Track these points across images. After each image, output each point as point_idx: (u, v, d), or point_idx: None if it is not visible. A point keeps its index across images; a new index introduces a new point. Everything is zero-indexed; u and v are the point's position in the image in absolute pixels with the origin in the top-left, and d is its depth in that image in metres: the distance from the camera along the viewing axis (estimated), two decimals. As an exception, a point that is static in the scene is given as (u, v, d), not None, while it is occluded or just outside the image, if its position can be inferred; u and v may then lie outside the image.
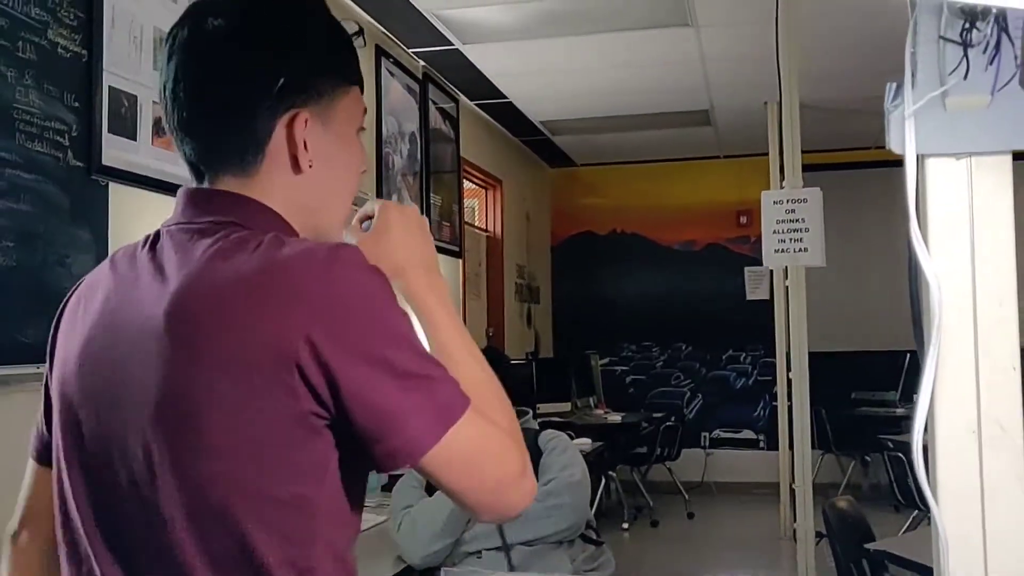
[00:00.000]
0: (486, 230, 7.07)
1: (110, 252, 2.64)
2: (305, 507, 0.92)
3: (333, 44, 1.08)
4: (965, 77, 0.68)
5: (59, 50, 2.46)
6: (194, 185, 1.05)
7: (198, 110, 1.01)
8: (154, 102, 2.82)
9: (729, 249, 8.22)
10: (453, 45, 5.09)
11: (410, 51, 5.16)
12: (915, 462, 0.71)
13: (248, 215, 1.00)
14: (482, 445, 0.94)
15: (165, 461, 0.92)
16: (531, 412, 2.82)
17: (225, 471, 0.90)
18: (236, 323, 0.89)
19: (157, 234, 1.02)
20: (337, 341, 0.88)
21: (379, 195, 4.66)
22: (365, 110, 1.12)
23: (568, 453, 2.60)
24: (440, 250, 5.57)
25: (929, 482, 0.74)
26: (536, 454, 2.61)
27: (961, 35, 0.67)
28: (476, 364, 1.03)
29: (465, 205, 6.44)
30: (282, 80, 1.00)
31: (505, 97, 6.23)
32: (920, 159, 0.73)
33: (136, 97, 2.75)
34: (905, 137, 0.71)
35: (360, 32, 1.13)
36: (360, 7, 4.43)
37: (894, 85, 0.72)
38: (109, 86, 2.64)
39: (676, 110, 6.61)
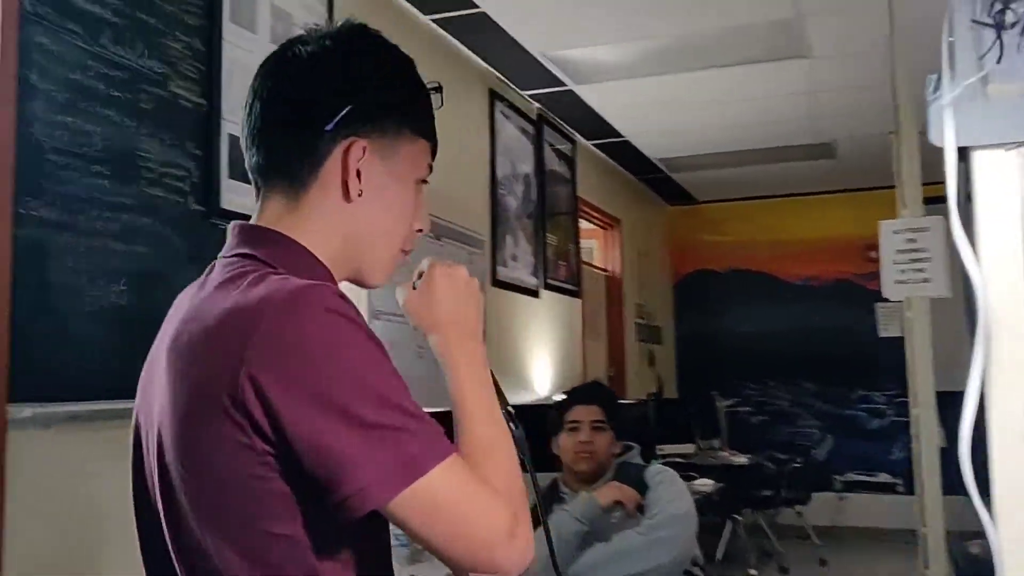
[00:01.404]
0: (605, 270, 7.05)
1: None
2: (290, 544, 0.93)
3: (407, 92, 1.11)
4: (999, 61, 0.65)
5: (180, 101, 2.60)
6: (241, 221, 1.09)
7: (266, 123, 1.07)
8: (270, 148, 2.96)
9: (857, 284, 7.94)
10: (566, 86, 5.14)
11: (524, 93, 5.24)
12: (963, 468, 0.67)
13: (275, 252, 1.03)
14: (459, 499, 0.92)
15: (163, 494, 0.98)
16: (637, 448, 2.79)
17: (206, 508, 0.94)
18: (202, 360, 0.93)
19: (213, 265, 1.07)
20: (284, 383, 0.88)
21: (494, 236, 4.73)
22: (430, 167, 1.14)
23: (674, 487, 2.56)
24: (557, 290, 5.61)
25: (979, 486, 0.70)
26: (643, 488, 2.57)
27: (993, 16, 0.64)
28: (488, 424, 1.03)
29: (584, 245, 6.45)
30: (348, 107, 1.04)
31: (622, 136, 6.24)
32: (967, 152, 0.70)
33: (253, 143, 2.89)
34: (944, 127, 0.68)
35: (439, 89, 1.15)
36: (472, 51, 4.54)
37: (934, 77, 0.69)
38: (228, 134, 2.78)
39: (796, 143, 6.48)
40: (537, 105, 5.45)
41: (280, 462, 0.90)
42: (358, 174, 1.05)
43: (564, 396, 2.89)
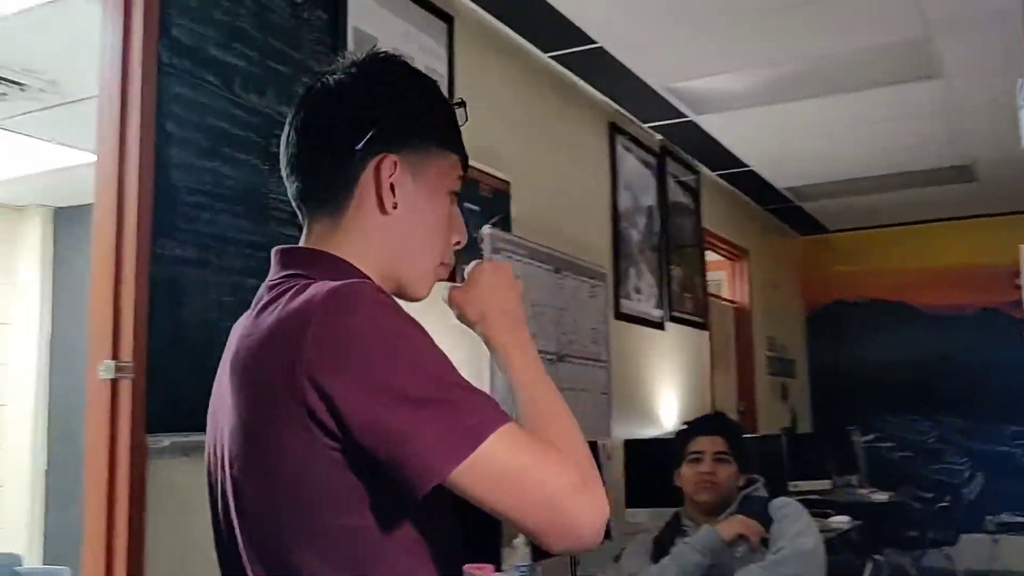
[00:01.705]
0: (733, 302, 6.92)
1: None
2: (354, 537, 0.96)
3: (432, 108, 1.16)
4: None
5: (307, 143, 2.72)
6: (284, 245, 1.15)
7: (301, 151, 1.12)
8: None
9: (1004, 313, 7.54)
10: (688, 117, 5.11)
11: (645, 126, 5.24)
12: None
13: (316, 267, 1.07)
14: (521, 462, 0.93)
15: (239, 511, 1.02)
16: (762, 481, 2.71)
17: (280, 512, 0.98)
18: (260, 370, 0.98)
19: (261, 292, 1.12)
20: (340, 378, 0.92)
21: (616, 269, 4.72)
22: (461, 179, 1.18)
23: (801, 521, 2.48)
24: (683, 322, 5.54)
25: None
26: (767, 522, 2.50)
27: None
28: (548, 396, 1.07)
29: (711, 277, 6.36)
30: (375, 127, 1.09)
31: (747, 165, 6.15)
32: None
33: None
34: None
35: (462, 103, 1.20)
36: (592, 86, 4.57)
37: (1022, 81, 0.66)
38: (352, 173, 2.88)
39: (932, 167, 6.24)
40: (659, 137, 5.44)
41: (347, 455, 0.94)
42: (392, 188, 1.10)
43: (686, 426, 2.85)
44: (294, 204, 1.16)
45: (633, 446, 4.31)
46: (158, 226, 2.19)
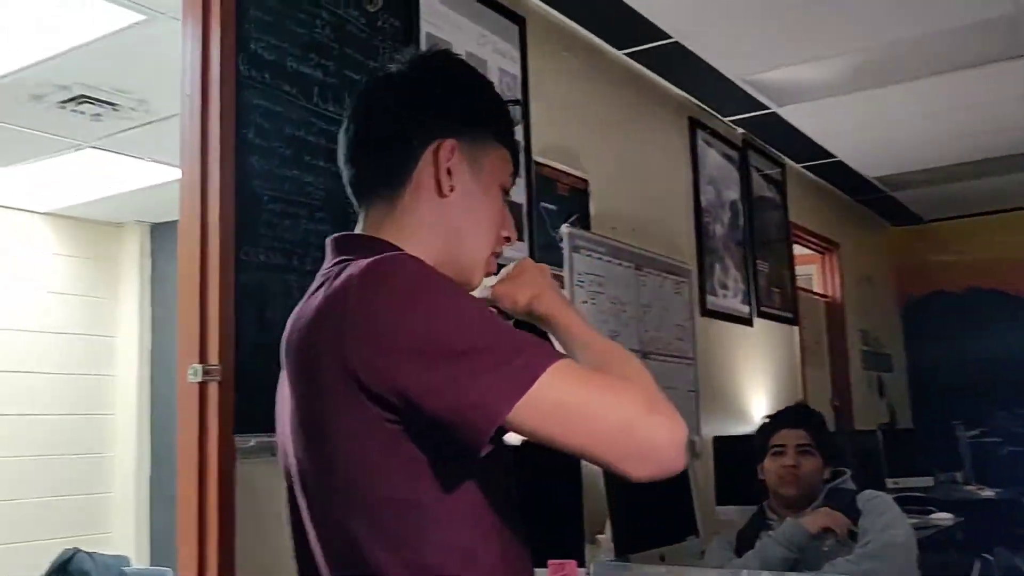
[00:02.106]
0: (825, 296, 6.77)
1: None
2: (409, 508, 0.97)
3: (487, 103, 1.19)
4: None
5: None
6: (337, 233, 1.19)
7: (360, 139, 1.17)
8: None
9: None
10: (769, 108, 5.03)
11: (726, 119, 5.17)
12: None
13: (364, 252, 1.07)
14: (582, 393, 0.92)
15: (300, 485, 1.05)
16: (848, 473, 2.65)
17: (329, 480, 1.00)
18: (311, 351, 1.00)
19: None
20: (386, 349, 0.93)
21: (701, 265, 4.67)
22: (513, 173, 1.20)
23: (889, 514, 2.41)
24: (772, 317, 5.45)
25: None
26: (854, 514, 2.45)
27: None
28: (607, 346, 1.08)
29: (801, 271, 6.23)
30: (432, 116, 1.13)
31: (833, 156, 6.01)
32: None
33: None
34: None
35: (518, 102, 1.24)
36: (669, 81, 4.54)
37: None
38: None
39: (1032, 150, 6.00)
40: (741, 131, 5.36)
41: (408, 425, 0.95)
42: (449, 172, 1.12)
43: (768, 419, 2.81)
44: (349, 192, 1.20)
45: (722, 443, 4.26)
46: (242, 234, 2.26)
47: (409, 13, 2.94)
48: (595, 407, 0.92)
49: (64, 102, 3.56)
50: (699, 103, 4.87)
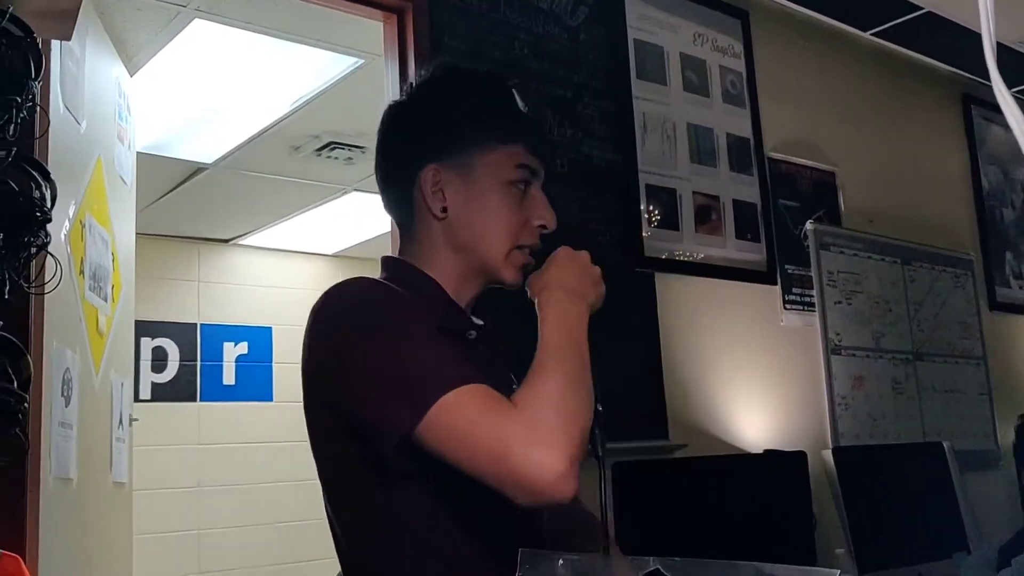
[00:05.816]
0: None
1: (661, 337, 2.80)
2: (378, 511, 1.08)
3: (471, 111, 1.22)
4: None
5: (593, 160, 2.75)
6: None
7: (377, 170, 1.27)
8: (694, 192, 2.98)
9: None
10: (1059, 72, 4.45)
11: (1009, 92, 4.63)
12: None
13: (391, 274, 1.22)
14: (471, 417, 0.97)
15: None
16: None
17: (326, 486, 1.15)
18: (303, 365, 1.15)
19: None
20: (332, 361, 1.07)
21: (986, 254, 4.21)
22: (520, 165, 1.22)
23: None
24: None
25: None
26: None
27: None
28: (551, 352, 1.06)
29: None
30: (412, 147, 1.21)
31: None
32: None
33: (675, 191, 2.92)
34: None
35: (518, 84, 1.27)
36: (930, 56, 4.14)
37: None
38: (646, 184, 2.85)
39: None
40: (1029, 101, 4.78)
41: (349, 432, 1.07)
42: (442, 194, 1.19)
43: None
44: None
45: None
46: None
47: (615, 22, 2.90)
48: (478, 434, 0.97)
49: (319, 150, 3.84)
50: (972, 76, 4.40)
